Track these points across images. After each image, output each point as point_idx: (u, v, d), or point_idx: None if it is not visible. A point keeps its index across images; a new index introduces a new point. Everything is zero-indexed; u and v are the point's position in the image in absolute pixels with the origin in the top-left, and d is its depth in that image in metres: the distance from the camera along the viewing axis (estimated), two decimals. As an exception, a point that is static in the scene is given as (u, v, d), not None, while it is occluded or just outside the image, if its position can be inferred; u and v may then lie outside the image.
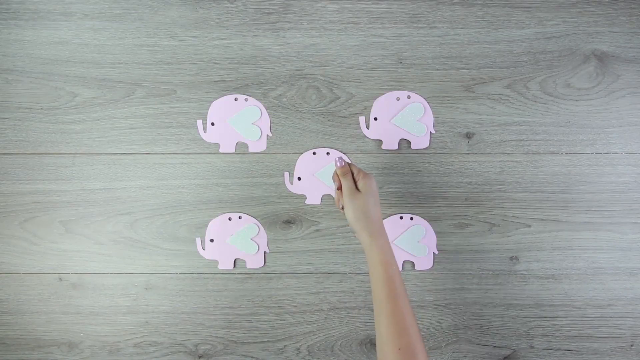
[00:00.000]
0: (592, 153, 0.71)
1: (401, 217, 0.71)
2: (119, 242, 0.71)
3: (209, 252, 0.70)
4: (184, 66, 0.70)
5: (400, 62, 0.71)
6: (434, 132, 0.70)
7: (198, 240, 0.70)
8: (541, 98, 0.70)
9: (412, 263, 0.71)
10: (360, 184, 0.60)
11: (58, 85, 0.70)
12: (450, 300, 0.71)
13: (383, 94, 0.70)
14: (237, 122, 0.70)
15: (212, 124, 0.70)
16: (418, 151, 0.71)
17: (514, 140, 0.71)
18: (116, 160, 0.70)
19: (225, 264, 0.71)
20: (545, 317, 0.71)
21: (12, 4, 0.70)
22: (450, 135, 0.70)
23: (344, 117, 0.71)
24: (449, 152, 0.71)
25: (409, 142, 0.71)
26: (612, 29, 0.70)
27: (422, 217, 0.71)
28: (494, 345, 0.71)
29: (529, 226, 0.71)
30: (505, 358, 0.72)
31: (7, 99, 0.70)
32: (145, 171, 0.70)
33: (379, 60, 0.71)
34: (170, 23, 0.70)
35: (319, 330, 0.71)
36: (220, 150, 0.70)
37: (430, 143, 0.70)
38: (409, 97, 0.70)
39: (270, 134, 0.70)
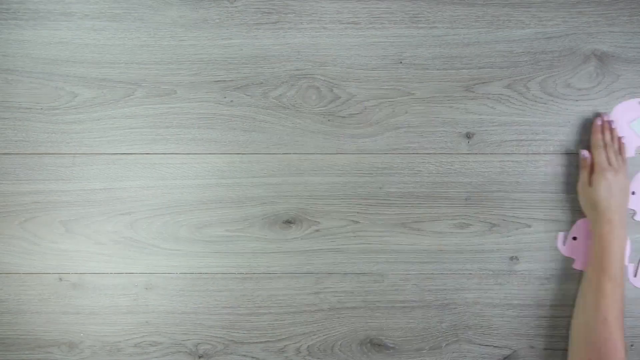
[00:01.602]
0: (592, 153, 0.70)
1: None
2: (119, 242, 0.71)
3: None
4: (184, 66, 0.70)
5: (400, 62, 0.71)
6: None
7: (561, 235, 0.70)
8: (541, 98, 0.70)
9: None
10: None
11: (58, 85, 0.70)
12: (450, 300, 0.71)
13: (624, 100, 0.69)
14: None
15: None
16: (418, 151, 0.71)
17: (514, 140, 0.71)
18: (116, 160, 0.70)
19: None
20: (545, 317, 0.71)
21: (12, 4, 0.70)
22: (450, 135, 0.70)
23: (344, 117, 0.71)
24: (449, 152, 0.71)
25: None
26: (612, 29, 0.70)
27: (422, 217, 0.70)
28: (494, 345, 0.71)
29: (529, 226, 0.71)
30: (505, 358, 0.72)
31: (7, 99, 0.70)
32: (145, 171, 0.70)
33: (379, 60, 0.71)
34: (170, 23, 0.70)
35: (319, 330, 0.71)
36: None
37: None
38: None
39: None
